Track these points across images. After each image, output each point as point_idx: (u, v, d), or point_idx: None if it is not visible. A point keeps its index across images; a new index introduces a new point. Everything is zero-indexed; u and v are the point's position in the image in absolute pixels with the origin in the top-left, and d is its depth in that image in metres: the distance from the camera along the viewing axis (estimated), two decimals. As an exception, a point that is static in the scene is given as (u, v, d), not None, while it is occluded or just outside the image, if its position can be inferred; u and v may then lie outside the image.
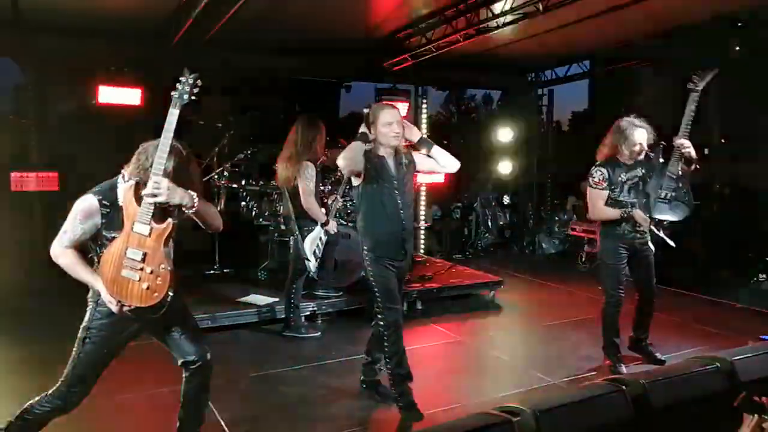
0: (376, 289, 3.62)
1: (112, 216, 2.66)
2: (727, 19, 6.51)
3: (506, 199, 10.09)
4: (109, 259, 2.64)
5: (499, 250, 9.87)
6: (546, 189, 10.41)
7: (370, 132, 3.57)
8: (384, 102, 3.75)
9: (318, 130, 5.02)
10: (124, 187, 2.68)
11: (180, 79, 2.73)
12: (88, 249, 2.76)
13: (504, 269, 8.41)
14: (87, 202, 2.66)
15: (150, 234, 2.63)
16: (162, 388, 3.92)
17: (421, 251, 8.70)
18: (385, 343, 3.66)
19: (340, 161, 3.49)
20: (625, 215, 4.20)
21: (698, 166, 4.17)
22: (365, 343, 5.11)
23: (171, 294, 2.68)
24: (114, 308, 2.65)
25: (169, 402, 3.51)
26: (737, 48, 7.18)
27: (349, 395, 4.05)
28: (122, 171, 2.73)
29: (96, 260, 2.72)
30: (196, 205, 2.67)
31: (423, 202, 8.91)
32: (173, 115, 2.68)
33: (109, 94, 6.66)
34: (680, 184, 4.12)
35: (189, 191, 2.67)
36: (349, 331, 5.52)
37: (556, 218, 10.25)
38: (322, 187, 5.95)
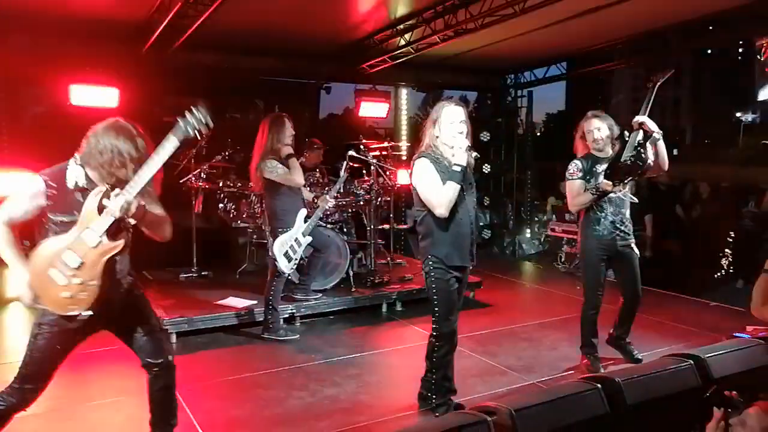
0: (436, 299, 3.50)
1: (58, 198, 2.58)
2: (698, 23, 6.61)
3: (486, 200, 10.12)
4: (44, 252, 2.56)
5: (479, 251, 9.88)
6: (525, 190, 10.47)
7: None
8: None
9: (282, 127, 4.98)
10: (92, 193, 2.58)
11: (191, 107, 2.65)
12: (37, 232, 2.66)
13: (483, 270, 8.44)
14: (33, 183, 2.60)
15: (97, 246, 2.55)
16: (131, 393, 3.85)
17: (402, 252, 8.70)
18: (434, 353, 3.58)
19: None
20: (595, 192, 4.20)
21: (659, 137, 4.06)
22: (344, 345, 5.12)
23: (88, 313, 2.58)
24: (25, 299, 2.60)
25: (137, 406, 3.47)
26: (708, 51, 7.30)
27: (327, 398, 4.03)
28: (74, 156, 2.63)
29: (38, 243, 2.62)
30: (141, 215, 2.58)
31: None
32: (171, 142, 2.59)
33: (84, 95, 6.55)
34: (640, 149, 4.11)
35: (141, 203, 2.58)
36: (328, 333, 5.50)
37: (536, 219, 10.33)
38: (307, 188, 5.94)
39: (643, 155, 4.01)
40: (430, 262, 3.50)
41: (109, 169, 2.55)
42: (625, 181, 4.18)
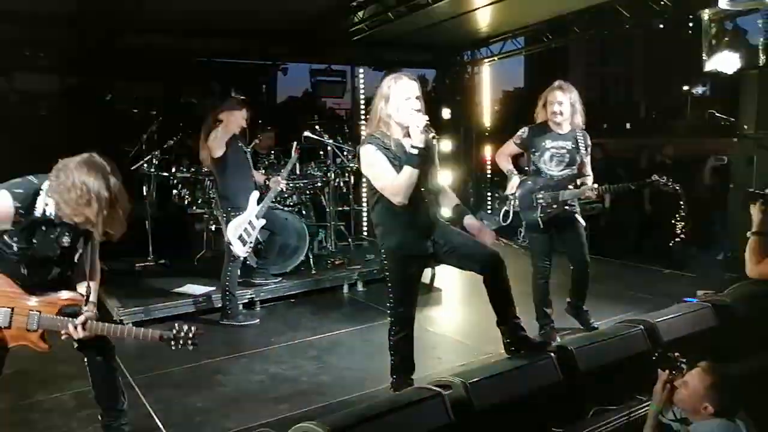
0: (390, 287, 3.41)
1: (24, 225, 2.53)
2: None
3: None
4: None
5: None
6: (485, 167, 10.53)
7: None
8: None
9: (235, 107, 4.92)
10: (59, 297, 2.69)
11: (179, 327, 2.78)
12: None
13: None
14: (2, 205, 2.47)
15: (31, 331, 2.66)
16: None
17: (365, 233, 8.67)
18: (391, 338, 3.50)
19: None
20: (509, 175, 4.50)
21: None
22: (305, 328, 5.09)
23: None
24: None
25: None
26: (661, 26, 7.43)
27: (287, 381, 4.00)
28: (47, 181, 2.52)
29: None
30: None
31: (365, 184, 8.87)
32: (152, 335, 2.77)
33: (24, 81, 6.30)
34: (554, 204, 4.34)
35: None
36: (289, 317, 5.45)
37: (496, 195, 10.41)
38: (260, 171, 5.86)
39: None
40: (383, 251, 3.36)
41: (76, 207, 2.46)
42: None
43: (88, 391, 3.68)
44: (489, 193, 10.48)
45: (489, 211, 10.39)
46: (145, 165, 6.60)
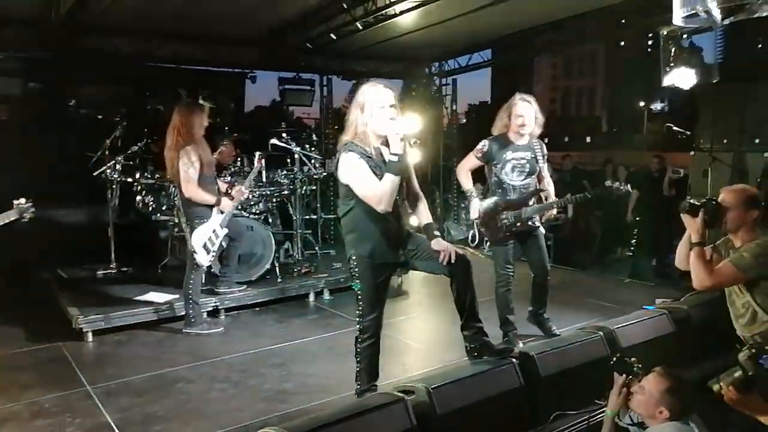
0: (360, 295, 3.38)
1: None
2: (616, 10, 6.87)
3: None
4: None
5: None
6: (452, 177, 10.63)
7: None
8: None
9: (195, 114, 4.86)
10: None
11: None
12: None
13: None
14: None
15: None
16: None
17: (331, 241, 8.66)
18: (358, 345, 3.46)
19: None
20: (469, 196, 4.55)
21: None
22: (269, 336, 5.05)
23: None
24: None
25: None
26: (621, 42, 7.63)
27: (250, 388, 3.96)
28: None
29: None
30: None
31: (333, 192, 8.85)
32: None
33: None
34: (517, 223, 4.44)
35: None
36: (253, 325, 5.39)
37: (463, 206, 10.52)
38: (225, 179, 5.81)
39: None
40: (354, 258, 3.34)
41: None
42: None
43: (43, 401, 3.66)
44: (455, 204, 10.59)
45: (456, 221, 10.50)
46: (108, 170, 6.47)
